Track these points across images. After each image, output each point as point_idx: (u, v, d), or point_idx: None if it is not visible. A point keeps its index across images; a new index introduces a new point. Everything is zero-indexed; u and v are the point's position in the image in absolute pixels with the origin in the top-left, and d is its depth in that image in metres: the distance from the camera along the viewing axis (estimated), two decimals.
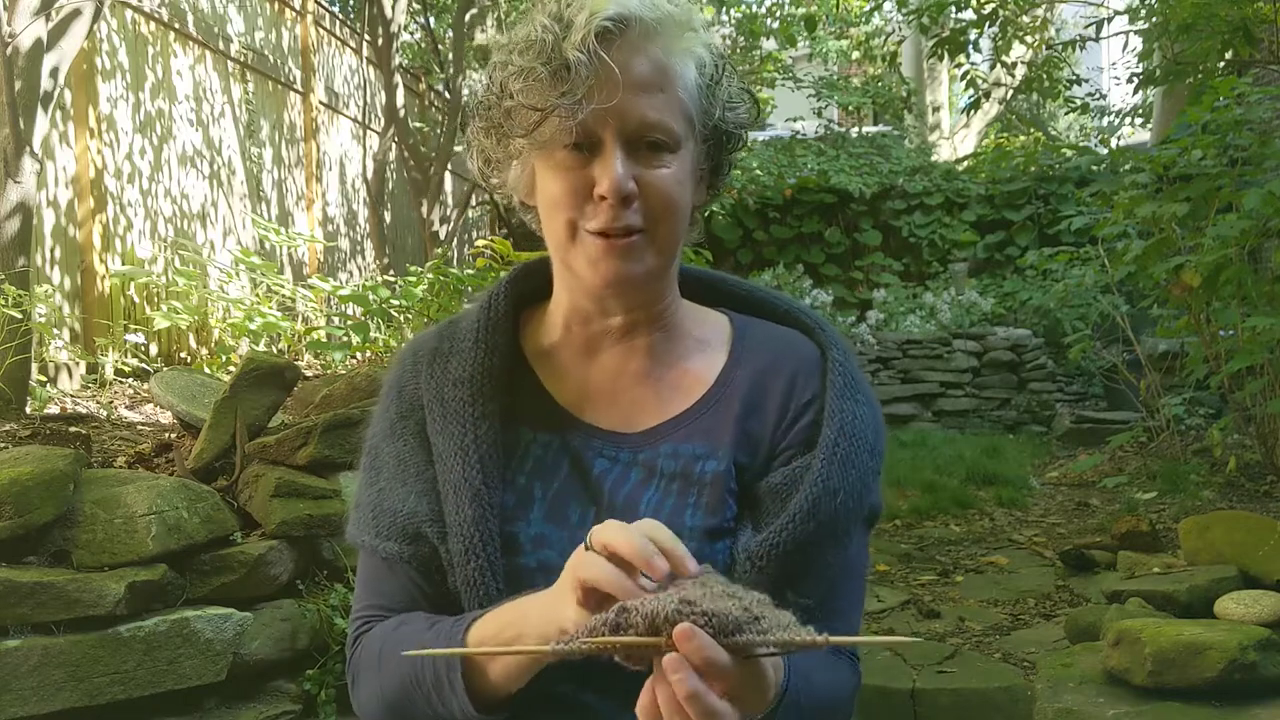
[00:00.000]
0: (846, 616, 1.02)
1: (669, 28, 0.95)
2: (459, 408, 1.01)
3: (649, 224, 0.96)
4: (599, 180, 0.94)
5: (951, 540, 4.87)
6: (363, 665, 1.01)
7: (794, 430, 1.02)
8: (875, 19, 14.01)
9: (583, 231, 0.96)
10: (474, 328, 1.04)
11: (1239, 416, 4.84)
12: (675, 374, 1.05)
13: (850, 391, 1.02)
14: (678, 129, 0.96)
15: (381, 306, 4.98)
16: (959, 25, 6.57)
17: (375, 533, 1.02)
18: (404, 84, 7.49)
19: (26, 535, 2.33)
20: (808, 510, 0.95)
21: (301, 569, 2.73)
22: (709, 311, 1.12)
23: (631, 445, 1.02)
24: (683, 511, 0.99)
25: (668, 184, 0.96)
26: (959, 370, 8.24)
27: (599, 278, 0.97)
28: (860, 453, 0.99)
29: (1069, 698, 2.49)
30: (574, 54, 0.91)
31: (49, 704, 2.21)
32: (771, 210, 10.75)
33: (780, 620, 0.75)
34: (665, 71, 0.95)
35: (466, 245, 9.75)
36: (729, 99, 1.02)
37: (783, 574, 0.95)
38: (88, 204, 4.47)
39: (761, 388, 1.04)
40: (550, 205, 0.98)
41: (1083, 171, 10.19)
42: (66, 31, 3.50)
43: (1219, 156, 4.53)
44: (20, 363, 3.31)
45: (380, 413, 1.09)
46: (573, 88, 0.91)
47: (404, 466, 1.03)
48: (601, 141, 0.94)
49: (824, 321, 1.10)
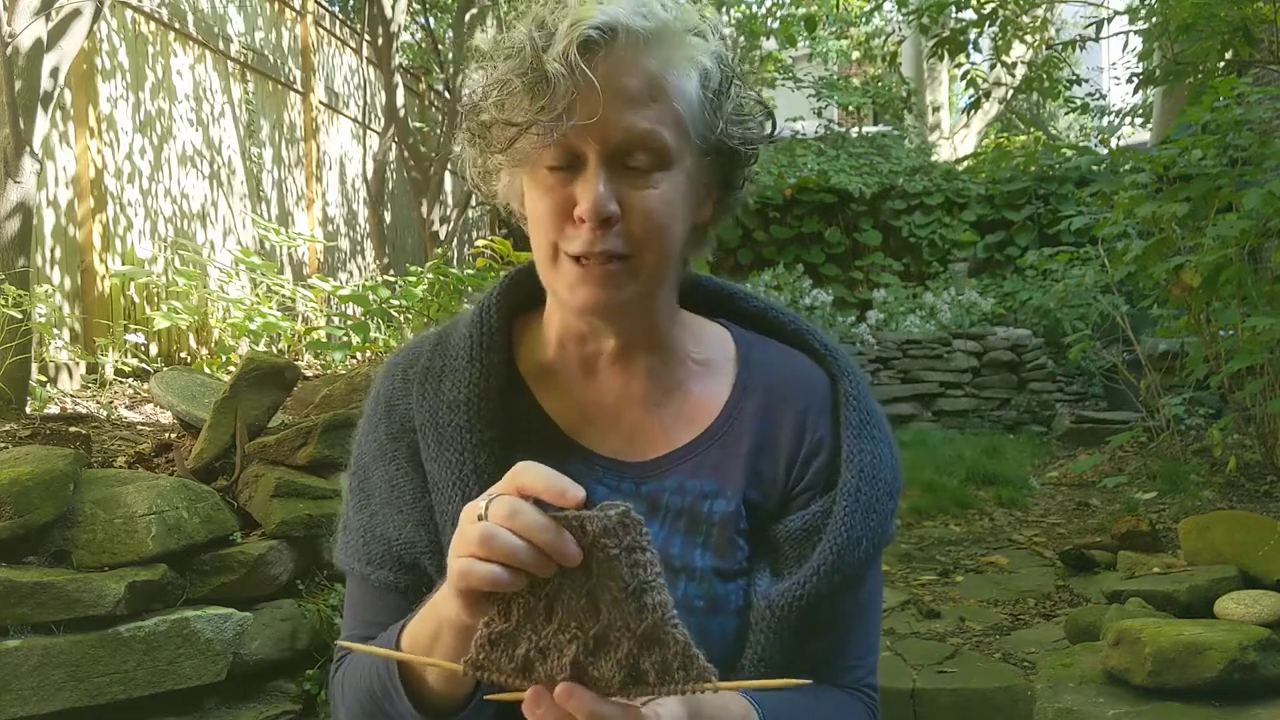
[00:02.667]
0: (862, 654, 1.00)
1: (666, 37, 0.89)
2: (455, 434, 0.96)
3: (633, 249, 0.90)
4: (579, 199, 0.88)
5: (951, 540, 4.87)
6: (340, 690, 0.98)
7: (810, 471, 0.99)
8: (875, 19, 14.03)
9: (563, 255, 0.91)
10: (467, 345, 0.99)
11: (1239, 416, 4.84)
12: (678, 400, 1.01)
13: (867, 429, 0.98)
14: (670, 143, 0.89)
15: (381, 306, 4.99)
16: (959, 25, 6.57)
17: (367, 559, 0.98)
18: (404, 84, 7.49)
19: (26, 535, 2.32)
20: (833, 563, 0.93)
21: (301, 569, 2.73)
22: (710, 326, 1.06)
23: (634, 476, 0.98)
24: (691, 550, 0.96)
25: (654, 206, 0.89)
26: (959, 370, 8.24)
27: (576, 303, 0.92)
28: (881, 496, 0.96)
29: (1069, 698, 2.49)
30: (553, 66, 0.85)
31: (49, 704, 2.21)
32: (771, 210, 10.75)
33: (671, 662, 0.72)
34: (658, 84, 0.89)
35: (466, 245, 9.74)
36: (737, 112, 0.95)
37: (801, 622, 0.93)
38: (88, 204, 4.47)
39: (772, 423, 1.00)
40: (534, 223, 0.94)
41: (1083, 171, 10.19)
42: (66, 31, 3.50)
43: (1219, 156, 4.53)
44: (20, 363, 3.30)
45: (368, 429, 1.03)
46: (551, 103, 0.85)
47: (398, 493, 0.98)
48: (584, 159, 0.88)
49: (834, 346, 1.05)
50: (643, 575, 0.72)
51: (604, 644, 0.73)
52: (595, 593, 0.73)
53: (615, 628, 0.73)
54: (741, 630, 0.95)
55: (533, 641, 0.74)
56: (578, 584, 0.74)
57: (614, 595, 0.72)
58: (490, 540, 0.72)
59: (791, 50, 14.92)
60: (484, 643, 0.74)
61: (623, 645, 0.73)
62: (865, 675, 1.00)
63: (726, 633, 0.94)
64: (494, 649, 0.74)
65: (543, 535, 0.71)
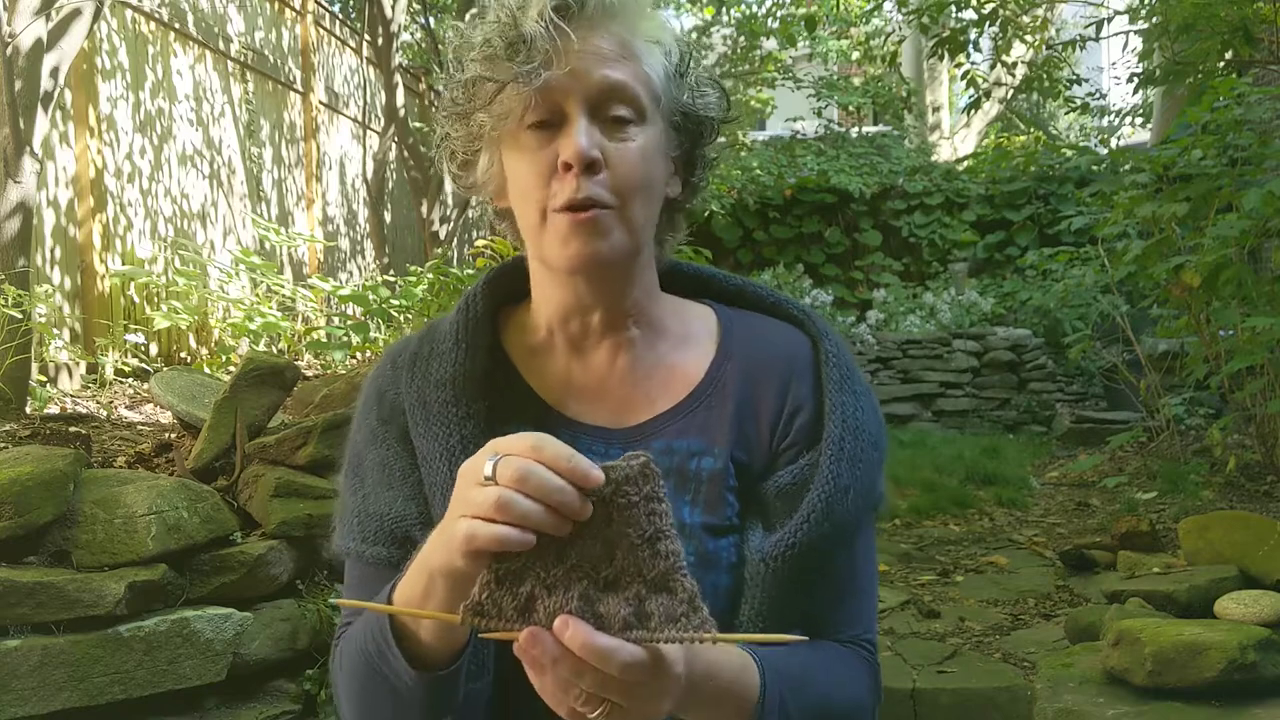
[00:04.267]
0: (859, 609, 1.02)
1: (629, 9, 0.95)
2: (442, 409, 0.98)
3: (618, 197, 0.93)
4: (562, 150, 0.92)
5: (951, 540, 4.87)
6: (339, 666, 0.99)
7: (794, 429, 1.01)
8: (875, 19, 14.02)
9: (550, 213, 0.94)
10: (453, 329, 1.02)
11: (1239, 416, 4.84)
12: (662, 371, 1.03)
13: (848, 384, 1.01)
14: (643, 98, 0.95)
15: (381, 306, 4.99)
16: (959, 25, 6.57)
17: (361, 538, 1.00)
18: (404, 84, 7.48)
19: (26, 535, 2.32)
20: (822, 510, 0.94)
21: (301, 569, 2.73)
22: (693, 305, 1.09)
23: (620, 441, 1.00)
24: (680, 508, 0.97)
25: (634, 155, 0.94)
26: (959, 370, 8.24)
27: (568, 257, 0.94)
28: (866, 448, 0.98)
29: (1069, 698, 2.49)
30: (530, 25, 0.90)
31: (49, 704, 2.21)
32: (771, 210, 10.76)
33: (676, 609, 0.73)
34: (627, 45, 0.95)
35: (466, 245, 9.74)
36: (696, 87, 1.01)
37: (796, 574, 0.94)
38: (88, 204, 4.47)
39: (755, 383, 1.02)
40: (520, 194, 0.97)
41: (1083, 171, 10.20)
42: (66, 31, 3.50)
43: (1219, 156, 4.53)
44: (20, 363, 3.30)
45: (361, 419, 1.06)
46: (529, 57, 0.90)
47: (388, 471, 1.01)
48: (565, 114, 0.93)
49: (814, 313, 1.08)
50: (658, 524, 0.75)
51: (613, 586, 0.74)
52: (611, 539, 0.75)
53: (627, 572, 0.74)
54: (734, 588, 0.96)
55: (540, 579, 0.74)
56: (595, 529, 0.75)
57: (631, 541, 0.74)
58: (507, 506, 0.72)
59: (791, 50, 14.93)
60: (489, 581, 0.75)
61: (632, 588, 0.74)
62: (863, 632, 1.01)
63: (719, 589, 0.95)
64: (499, 587, 0.74)
65: (557, 497, 0.73)
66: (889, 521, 5.14)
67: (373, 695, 0.91)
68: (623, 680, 0.72)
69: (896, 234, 10.82)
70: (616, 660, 0.71)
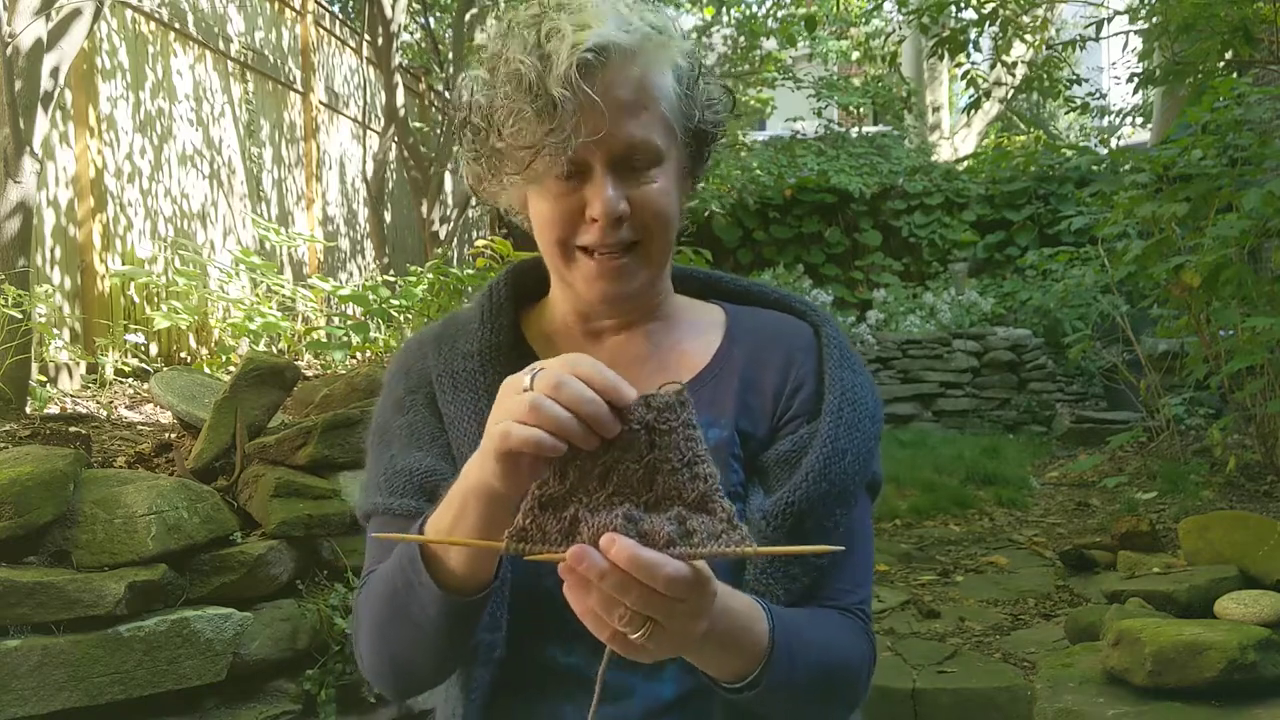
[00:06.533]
0: (855, 578, 1.04)
1: (646, 46, 0.98)
2: (469, 377, 1.05)
3: (642, 235, 1.00)
4: (591, 204, 0.97)
5: (951, 540, 4.87)
6: (359, 610, 1.02)
7: (795, 402, 1.05)
8: (875, 19, 14.02)
9: (576, 250, 1.00)
10: (479, 310, 1.09)
11: (1239, 416, 4.84)
12: (674, 356, 1.09)
13: (847, 363, 1.07)
14: (662, 144, 0.99)
15: (381, 306, 4.99)
16: (959, 25, 6.57)
17: (390, 491, 1.03)
18: (404, 84, 7.49)
19: (26, 535, 2.32)
20: (820, 470, 0.99)
21: (301, 569, 2.73)
22: (703, 304, 1.16)
23: None
24: None
25: (657, 198, 0.99)
26: (959, 370, 8.24)
27: (594, 296, 1.02)
28: (863, 418, 1.03)
29: (1069, 698, 2.49)
30: (558, 90, 0.92)
31: (49, 704, 2.21)
32: (771, 210, 10.76)
33: (716, 526, 0.76)
34: (646, 90, 0.98)
35: (466, 245, 9.74)
36: (706, 99, 1.05)
37: (796, 534, 0.97)
38: (88, 204, 4.47)
39: (759, 363, 1.07)
40: (543, 225, 1.02)
41: (1083, 171, 10.20)
42: (66, 31, 3.50)
43: (1219, 156, 4.53)
44: (20, 363, 3.30)
45: (386, 395, 1.12)
46: (560, 124, 0.93)
47: (416, 435, 1.05)
48: (591, 168, 0.97)
49: (816, 306, 1.14)
50: (695, 449, 0.79)
51: (655, 508, 0.77)
52: (653, 464, 0.78)
53: (668, 496, 0.78)
54: None
55: (583, 503, 0.77)
56: (636, 455, 0.78)
57: (671, 465, 0.78)
58: (538, 408, 0.76)
59: (791, 50, 14.93)
60: (533, 507, 0.77)
61: (673, 509, 0.77)
62: (858, 601, 1.04)
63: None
64: (543, 512, 0.77)
65: (588, 407, 0.76)
66: (889, 521, 5.14)
67: (393, 627, 0.95)
68: (667, 596, 0.73)
69: (896, 234, 10.82)
70: (663, 574, 0.72)
